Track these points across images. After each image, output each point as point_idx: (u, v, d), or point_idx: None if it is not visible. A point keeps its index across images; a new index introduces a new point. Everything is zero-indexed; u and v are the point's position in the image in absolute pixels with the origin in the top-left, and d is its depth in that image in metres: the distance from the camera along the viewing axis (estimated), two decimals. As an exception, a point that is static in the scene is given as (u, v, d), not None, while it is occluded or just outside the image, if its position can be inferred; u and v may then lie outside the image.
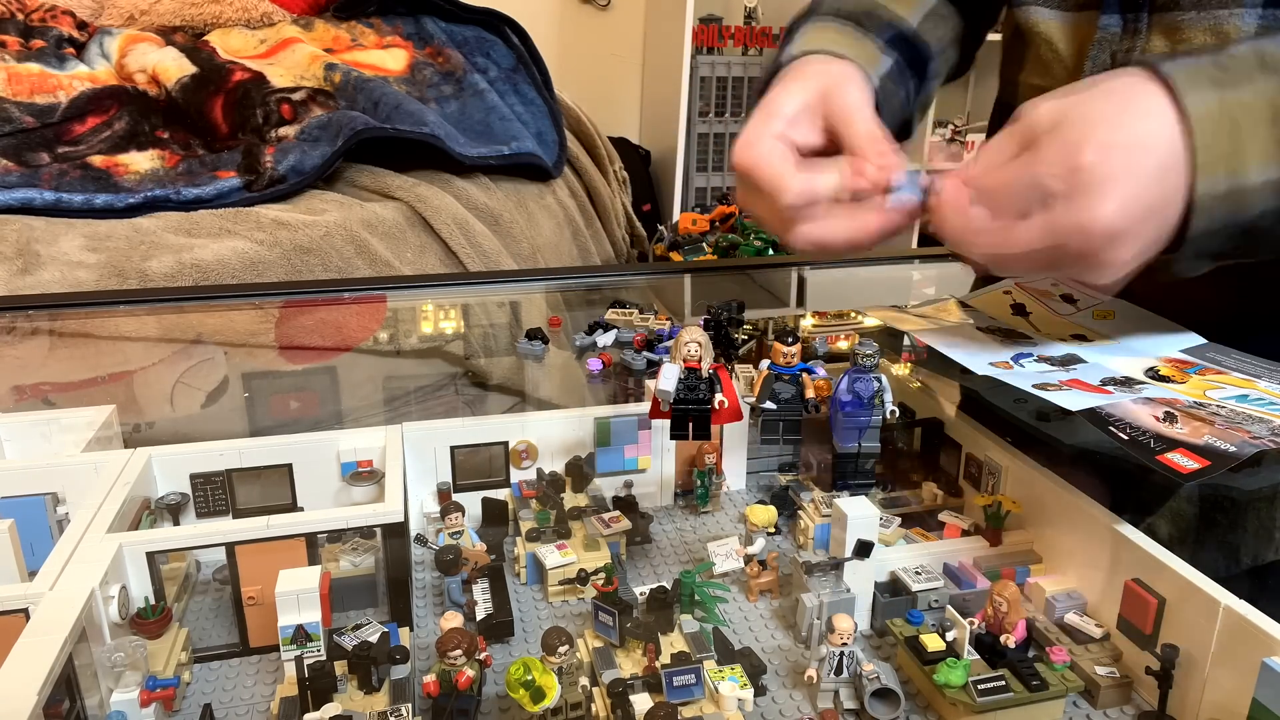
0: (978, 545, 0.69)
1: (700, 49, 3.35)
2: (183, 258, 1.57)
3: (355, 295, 1.34)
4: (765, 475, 0.85)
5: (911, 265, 1.47)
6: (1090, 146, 0.53)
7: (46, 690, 0.47)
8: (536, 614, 0.68)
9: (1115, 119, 0.55)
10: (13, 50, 2.00)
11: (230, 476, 0.71)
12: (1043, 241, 0.55)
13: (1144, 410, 0.60)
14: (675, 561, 0.74)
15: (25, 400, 1.04)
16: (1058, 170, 0.54)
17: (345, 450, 0.73)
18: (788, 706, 0.58)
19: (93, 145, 1.86)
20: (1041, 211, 0.55)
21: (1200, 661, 0.54)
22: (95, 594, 0.55)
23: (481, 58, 2.37)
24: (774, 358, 0.72)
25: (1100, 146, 0.53)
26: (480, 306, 1.39)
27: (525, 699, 0.52)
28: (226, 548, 0.61)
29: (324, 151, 1.87)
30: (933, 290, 1.39)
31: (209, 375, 1.13)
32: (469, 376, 1.15)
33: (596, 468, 0.79)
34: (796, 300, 1.42)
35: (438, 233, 1.88)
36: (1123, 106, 0.55)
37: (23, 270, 1.48)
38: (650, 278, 1.60)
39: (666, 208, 3.46)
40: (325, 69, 2.13)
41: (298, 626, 0.57)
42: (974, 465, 0.77)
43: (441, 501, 0.75)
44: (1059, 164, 0.54)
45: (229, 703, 0.58)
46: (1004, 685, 0.55)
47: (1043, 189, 0.55)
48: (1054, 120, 0.56)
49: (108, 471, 0.67)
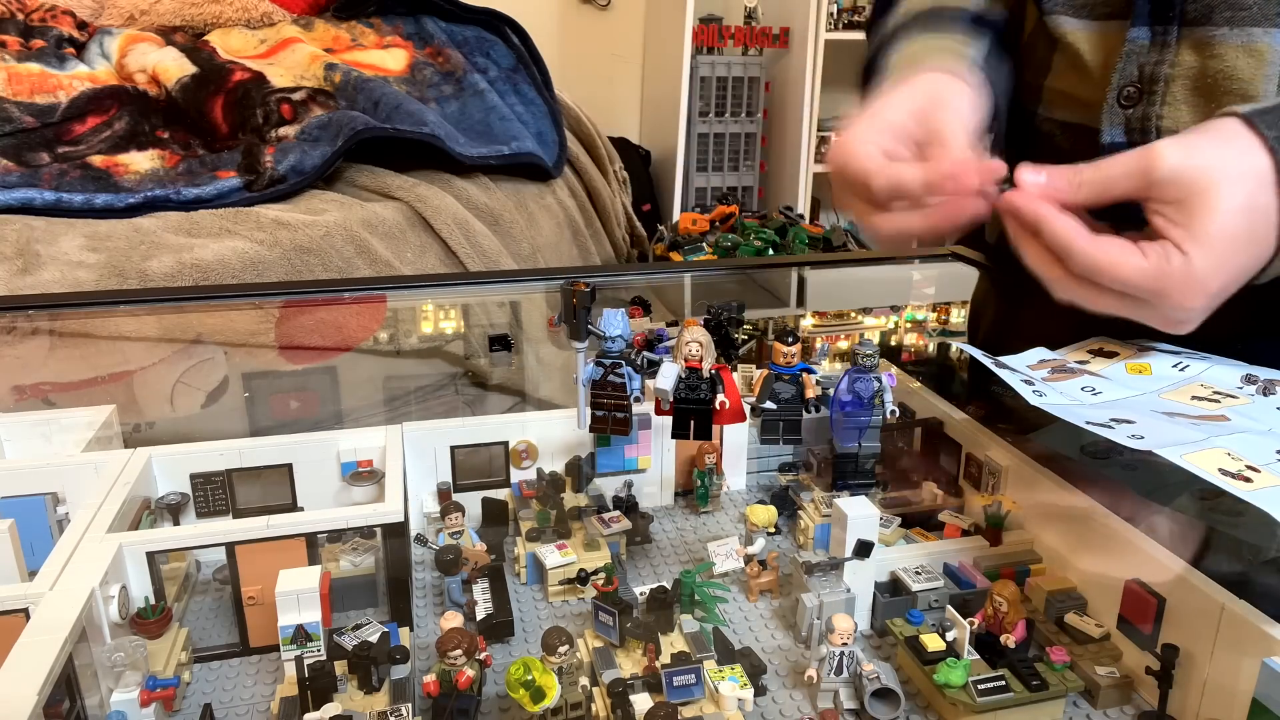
0: (978, 545, 0.69)
1: (700, 49, 3.35)
2: (183, 258, 1.57)
3: (355, 295, 1.34)
4: (765, 475, 0.86)
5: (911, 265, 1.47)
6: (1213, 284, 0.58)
7: (46, 690, 0.47)
8: (536, 614, 0.68)
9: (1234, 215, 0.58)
10: (13, 50, 2.00)
11: (230, 476, 0.71)
12: (1122, 310, 0.61)
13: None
14: (675, 561, 0.74)
15: (25, 400, 1.04)
16: (1173, 302, 0.59)
17: (345, 450, 0.73)
18: (788, 706, 0.58)
19: (93, 145, 1.86)
20: (1136, 302, 0.60)
21: (1200, 661, 0.54)
22: (95, 594, 0.55)
23: (481, 58, 2.36)
24: (774, 358, 0.72)
25: (1222, 285, 0.58)
26: (480, 306, 1.39)
27: (525, 699, 0.52)
28: (226, 548, 0.61)
29: (324, 151, 1.87)
30: (933, 291, 1.39)
31: (209, 375, 1.13)
32: (469, 376, 1.15)
33: (596, 468, 0.79)
34: (796, 300, 1.42)
35: (438, 233, 1.88)
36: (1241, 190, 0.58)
37: (23, 270, 1.48)
38: (650, 278, 1.59)
39: (666, 208, 3.46)
40: (325, 69, 2.13)
41: (298, 626, 0.57)
42: (974, 465, 0.77)
43: (441, 501, 0.75)
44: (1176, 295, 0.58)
45: (229, 703, 0.58)
46: (1004, 685, 0.55)
47: (1151, 299, 0.59)
48: (1177, 184, 0.58)
49: (108, 471, 0.67)
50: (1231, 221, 0.57)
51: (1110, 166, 0.61)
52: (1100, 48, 0.77)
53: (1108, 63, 0.75)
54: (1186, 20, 0.71)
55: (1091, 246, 0.60)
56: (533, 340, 1.23)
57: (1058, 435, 0.76)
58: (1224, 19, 0.69)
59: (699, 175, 3.49)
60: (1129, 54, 0.73)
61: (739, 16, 3.48)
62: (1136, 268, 0.58)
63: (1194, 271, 0.57)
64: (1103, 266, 0.59)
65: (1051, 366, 0.69)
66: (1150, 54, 0.72)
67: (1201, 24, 0.70)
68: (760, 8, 3.47)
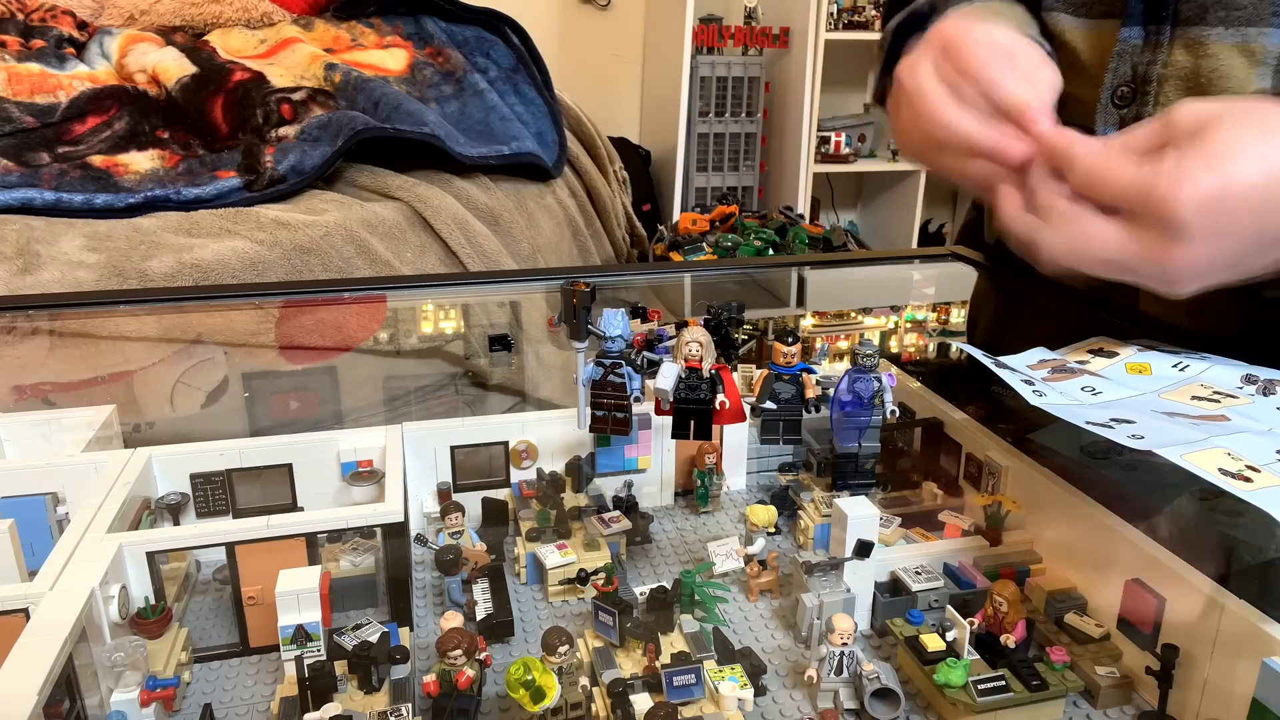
0: (978, 545, 0.69)
1: (700, 49, 3.35)
2: (183, 258, 1.57)
3: (355, 295, 1.34)
4: (765, 475, 0.86)
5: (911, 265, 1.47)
6: (1203, 181, 0.54)
7: (46, 690, 0.47)
8: (536, 614, 0.68)
9: (1248, 148, 0.54)
10: (13, 50, 2.00)
11: (230, 476, 0.71)
12: (1112, 258, 0.58)
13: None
14: (675, 561, 0.74)
15: (25, 400, 1.04)
16: (1160, 195, 0.55)
17: (345, 450, 0.73)
18: (788, 706, 0.58)
19: (93, 145, 1.86)
20: (1126, 224, 0.57)
21: (1200, 661, 0.54)
22: (95, 594, 0.55)
23: (481, 58, 2.36)
24: (774, 358, 0.72)
25: (1213, 188, 0.54)
26: (480, 306, 1.39)
27: (525, 699, 0.52)
28: (226, 548, 0.61)
29: (324, 151, 1.87)
30: (933, 290, 1.39)
31: (209, 375, 1.13)
32: (469, 376, 1.15)
33: (596, 468, 0.79)
34: (796, 300, 1.42)
35: (438, 233, 1.88)
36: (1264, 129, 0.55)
37: (23, 270, 1.48)
38: (650, 278, 1.59)
39: (666, 208, 3.46)
40: (325, 69, 2.13)
41: (298, 626, 0.57)
42: (974, 465, 0.77)
43: (441, 501, 0.75)
44: (1163, 189, 0.55)
45: (229, 703, 0.58)
46: (1004, 685, 0.55)
47: (1142, 204, 0.56)
48: (1194, 117, 0.56)
49: (108, 471, 0.67)
50: (1238, 133, 0.55)
51: (1135, 127, 0.60)
52: (1095, 46, 0.77)
53: (1102, 62, 0.75)
54: (1180, 20, 0.71)
55: (1092, 147, 0.59)
56: (533, 340, 1.23)
57: (1058, 435, 0.76)
58: (1218, 19, 0.69)
59: (699, 175, 3.49)
60: (1121, 53, 0.73)
61: (739, 16, 3.48)
62: (1133, 170, 0.57)
63: (1185, 170, 0.54)
64: (1098, 162, 0.58)
65: (1051, 366, 0.69)
66: (1143, 54, 0.72)
67: (1195, 23, 0.70)
68: (760, 8, 3.47)
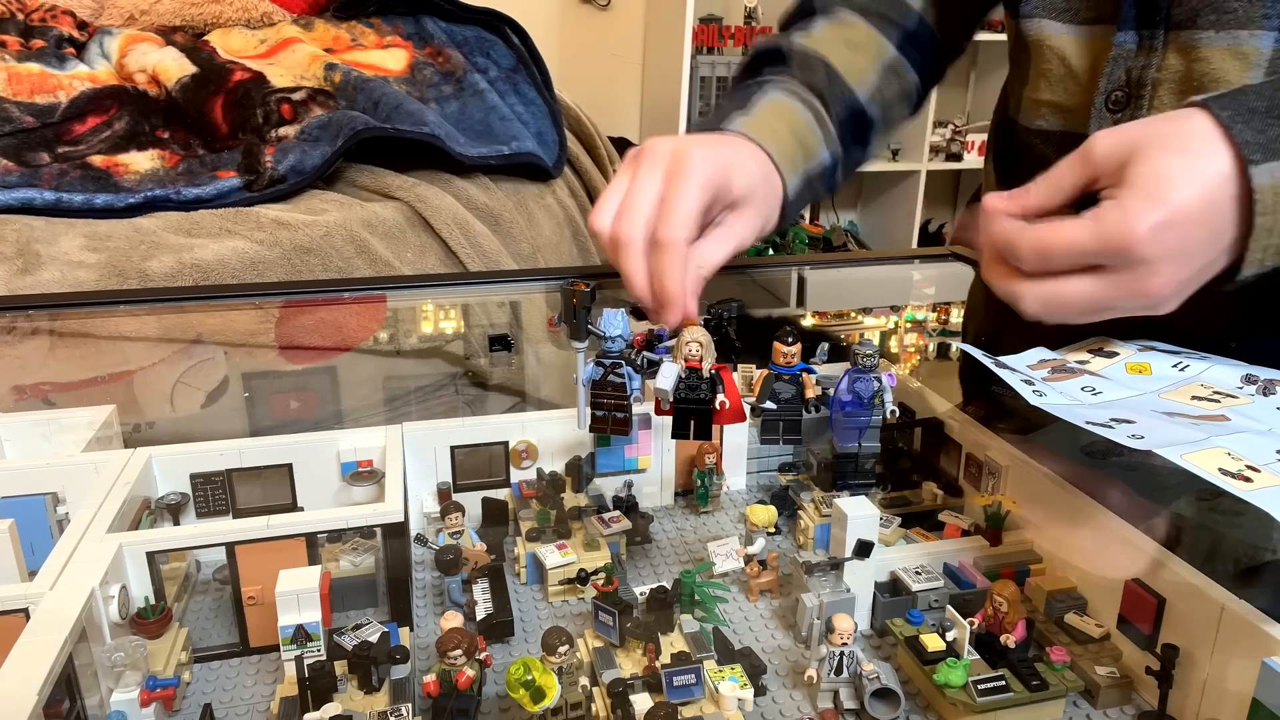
0: (978, 545, 0.69)
1: (700, 49, 3.34)
2: (183, 258, 1.57)
3: (355, 295, 1.34)
4: (765, 475, 0.86)
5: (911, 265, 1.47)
6: (1150, 217, 0.55)
7: (46, 690, 0.47)
8: (536, 614, 0.68)
9: (1179, 173, 0.56)
10: (13, 50, 2.00)
11: (230, 476, 0.71)
12: (1090, 297, 0.59)
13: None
14: (675, 561, 0.74)
15: (25, 400, 1.04)
16: (1116, 245, 0.56)
17: (345, 450, 0.73)
18: (788, 706, 0.58)
19: (93, 145, 1.86)
20: (1095, 275, 0.58)
21: (1200, 661, 0.54)
22: (95, 594, 0.55)
23: (481, 58, 2.36)
24: (774, 358, 0.72)
25: (1162, 219, 0.55)
26: (480, 306, 1.39)
27: (525, 699, 0.52)
28: (226, 548, 0.61)
29: (324, 151, 1.87)
30: (933, 291, 1.39)
31: (209, 375, 1.13)
32: (469, 376, 1.15)
33: (596, 468, 0.79)
34: (796, 300, 1.42)
35: (438, 233, 1.87)
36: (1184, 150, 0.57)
37: (23, 270, 1.48)
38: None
39: (667, 208, 3.45)
40: (325, 69, 2.12)
41: (298, 626, 0.57)
42: (974, 465, 0.77)
43: (441, 501, 0.75)
44: (1117, 238, 0.56)
45: (229, 703, 0.58)
46: (1004, 685, 0.55)
47: (1101, 257, 0.57)
48: (1113, 153, 0.57)
49: (108, 471, 0.67)
50: (1165, 162, 0.56)
51: (1058, 165, 0.61)
52: (1086, 53, 0.76)
53: (1094, 68, 0.75)
54: (1173, 24, 0.71)
55: (1033, 229, 0.60)
56: (533, 340, 1.23)
57: (1058, 435, 0.76)
58: (1209, 22, 0.69)
59: (699, 175, 3.48)
60: (1115, 59, 0.73)
61: (739, 16, 3.48)
62: (1078, 227, 0.57)
63: (1129, 212, 0.55)
64: (1045, 240, 0.59)
65: (1051, 366, 0.69)
66: (1137, 58, 0.72)
67: (1187, 27, 0.70)
68: (760, 8, 3.47)
